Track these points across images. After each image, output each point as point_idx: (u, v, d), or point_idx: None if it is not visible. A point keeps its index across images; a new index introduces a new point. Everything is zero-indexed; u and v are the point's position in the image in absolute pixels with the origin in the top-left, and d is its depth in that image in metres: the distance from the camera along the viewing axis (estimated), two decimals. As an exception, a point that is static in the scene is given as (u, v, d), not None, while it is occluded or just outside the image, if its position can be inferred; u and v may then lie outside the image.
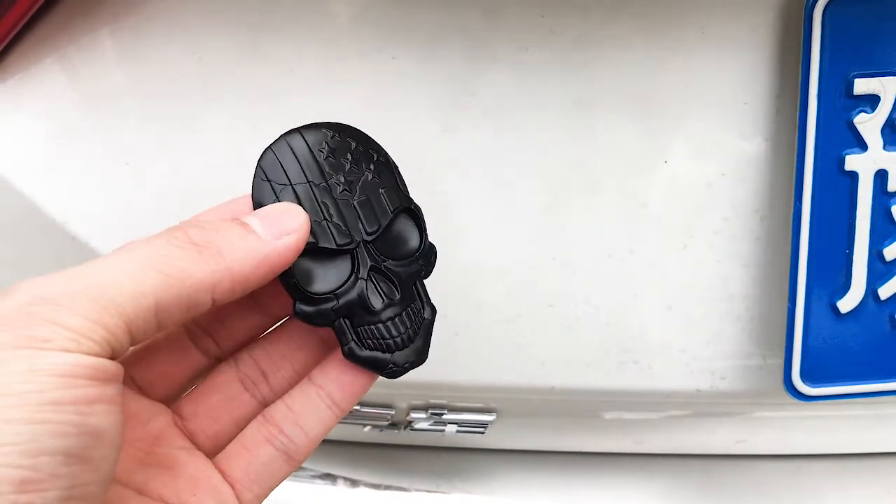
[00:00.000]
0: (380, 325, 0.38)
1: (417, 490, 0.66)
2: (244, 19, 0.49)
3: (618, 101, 0.50)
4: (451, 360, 0.55)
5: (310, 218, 0.36)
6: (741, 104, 0.50)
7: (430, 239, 0.40)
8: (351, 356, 0.38)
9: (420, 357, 0.40)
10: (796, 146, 0.49)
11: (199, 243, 0.32)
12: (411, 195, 0.40)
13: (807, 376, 0.53)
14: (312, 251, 0.37)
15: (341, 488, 0.66)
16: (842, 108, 0.49)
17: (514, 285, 0.54)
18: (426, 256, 0.40)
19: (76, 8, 0.49)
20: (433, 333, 0.40)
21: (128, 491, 0.36)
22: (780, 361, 0.53)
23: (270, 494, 0.41)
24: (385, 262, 0.39)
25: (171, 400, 0.40)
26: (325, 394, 0.38)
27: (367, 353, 0.38)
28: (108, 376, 0.30)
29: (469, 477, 0.67)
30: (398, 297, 0.39)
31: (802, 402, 0.54)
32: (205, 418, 0.40)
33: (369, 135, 0.40)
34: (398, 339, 0.39)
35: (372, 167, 0.39)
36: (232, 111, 0.51)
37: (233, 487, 0.38)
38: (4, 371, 0.28)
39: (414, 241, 0.40)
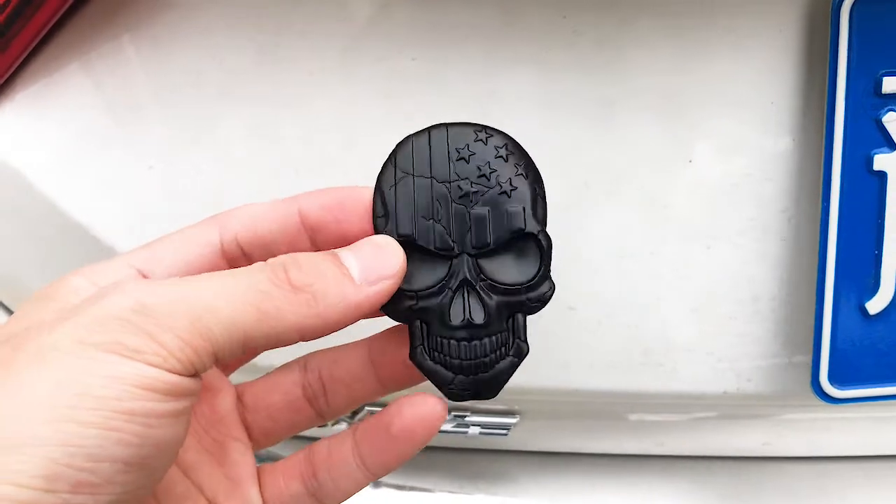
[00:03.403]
0: (452, 342, 0.36)
1: (440, 491, 0.66)
2: (264, 23, 0.49)
3: (641, 101, 0.49)
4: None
5: (417, 211, 0.36)
6: (768, 103, 0.49)
7: (553, 276, 0.37)
8: (415, 360, 0.36)
9: (483, 391, 0.36)
10: (824, 146, 0.48)
11: (297, 286, 0.33)
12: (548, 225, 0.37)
13: (835, 378, 0.52)
14: (409, 246, 0.36)
15: (365, 489, 0.66)
16: (870, 106, 0.48)
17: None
18: (536, 291, 0.37)
19: (99, 14, 0.49)
20: (514, 375, 0.37)
21: (176, 469, 0.37)
22: (808, 363, 0.53)
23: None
24: (484, 282, 0.36)
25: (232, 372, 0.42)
26: (360, 455, 0.38)
27: (430, 364, 0.36)
28: (184, 392, 0.31)
29: (492, 478, 0.66)
30: (484, 321, 0.36)
31: (830, 405, 0.53)
32: (263, 415, 0.40)
33: (523, 148, 0.38)
34: (466, 364, 0.36)
35: (508, 182, 0.37)
36: (253, 114, 0.51)
37: None
38: (90, 372, 0.29)
39: (528, 271, 0.37)
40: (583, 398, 0.57)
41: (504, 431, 0.63)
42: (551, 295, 0.37)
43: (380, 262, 0.35)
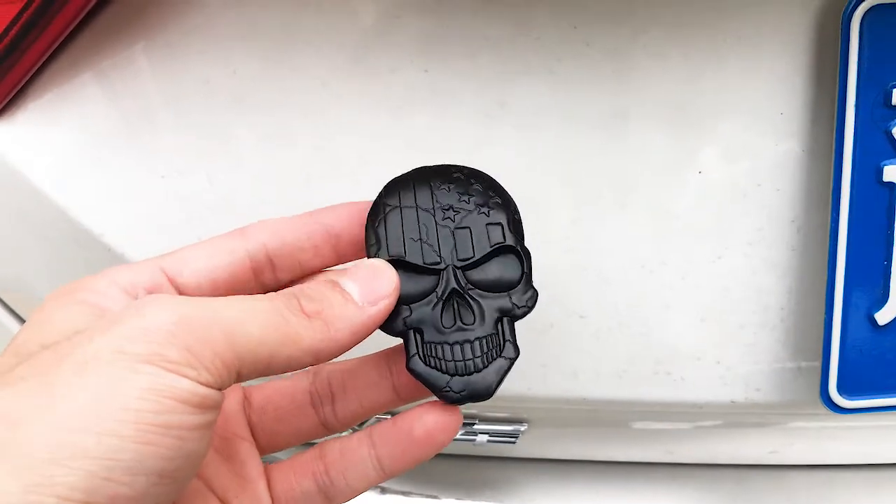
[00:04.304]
0: (445, 346, 0.38)
1: (447, 498, 0.66)
2: (277, 33, 0.49)
3: (651, 112, 0.49)
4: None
5: (405, 234, 0.39)
6: (777, 114, 0.49)
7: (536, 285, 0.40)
8: (410, 368, 0.38)
9: (480, 392, 0.38)
10: (834, 156, 0.48)
11: (309, 314, 0.35)
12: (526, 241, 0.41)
13: (844, 388, 0.52)
14: (400, 264, 0.39)
15: (371, 495, 0.66)
16: (880, 117, 0.48)
17: (545, 296, 0.53)
18: (521, 296, 0.40)
19: (112, 24, 0.49)
20: (507, 377, 0.39)
21: None
22: (817, 372, 0.53)
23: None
24: (472, 290, 0.39)
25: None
26: (377, 457, 0.40)
27: (426, 369, 0.38)
28: (212, 405, 0.32)
29: (499, 486, 0.66)
30: (473, 323, 0.39)
31: (838, 414, 0.53)
32: (270, 417, 0.42)
33: (496, 181, 0.42)
34: (461, 364, 0.38)
35: (485, 206, 0.41)
36: (265, 124, 0.51)
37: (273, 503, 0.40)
38: (129, 384, 0.29)
39: (512, 280, 0.40)
40: (591, 406, 0.57)
41: (512, 439, 0.63)
42: (534, 302, 0.40)
43: (377, 283, 0.37)
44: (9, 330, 0.63)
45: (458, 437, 0.63)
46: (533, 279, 0.40)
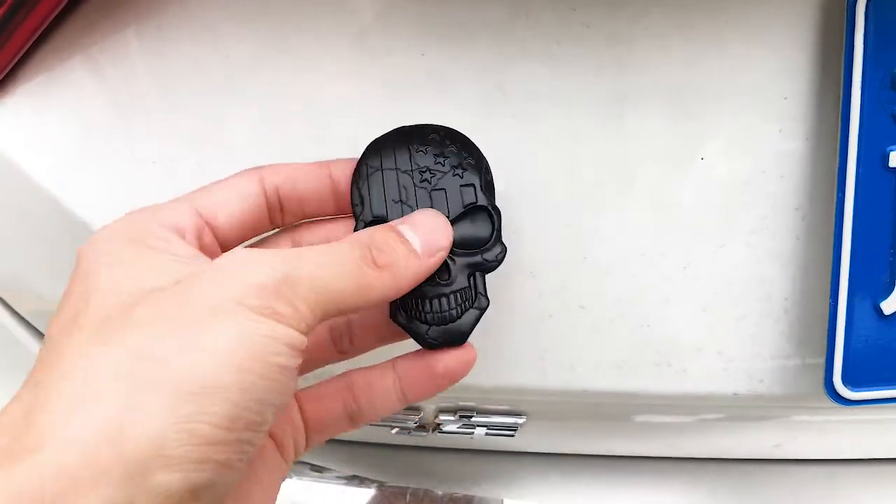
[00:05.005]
0: (424, 300, 0.43)
1: (445, 492, 0.65)
2: (271, 16, 0.48)
3: (653, 97, 0.48)
4: (480, 361, 0.54)
5: (387, 196, 0.44)
6: (781, 99, 0.48)
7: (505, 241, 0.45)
8: (394, 318, 0.44)
9: (454, 339, 0.44)
10: (839, 142, 0.48)
11: (381, 266, 0.40)
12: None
13: (849, 380, 0.51)
14: (383, 223, 0.43)
15: (370, 491, 0.65)
16: (886, 101, 0.47)
17: (544, 286, 0.53)
18: (490, 252, 0.44)
19: (101, 8, 0.49)
20: (478, 324, 0.44)
21: None
22: (821, 364, 0.52)
23: (299, 497, 0.44)
24: None
25: None
26: (401, 388, 0.45)
27: (407, 319, 0.44)
28: (304, 350, 0.37)
29: (498, 480, 0.66)
30: (447, 280, 0.44)
31: (843, 406, 0.52)
32: None
33: (470, 140, 0.45)
34: (437, 316, 0.43)
35: (459, 168, 0.45)
36: (259, 108, 0.50)
37: (305, 425, 0.46)
38: (254, 331, 0.34)
39: (483, 237, 0.45)
40: (591, 399, 0.56)
41: (511, 433, 0.62)
42: (503, 256, 0.45)
43: (434, 235, 0.42)
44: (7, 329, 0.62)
45: (455, 430, 0.63)
46: (502, 235, 0.45)
